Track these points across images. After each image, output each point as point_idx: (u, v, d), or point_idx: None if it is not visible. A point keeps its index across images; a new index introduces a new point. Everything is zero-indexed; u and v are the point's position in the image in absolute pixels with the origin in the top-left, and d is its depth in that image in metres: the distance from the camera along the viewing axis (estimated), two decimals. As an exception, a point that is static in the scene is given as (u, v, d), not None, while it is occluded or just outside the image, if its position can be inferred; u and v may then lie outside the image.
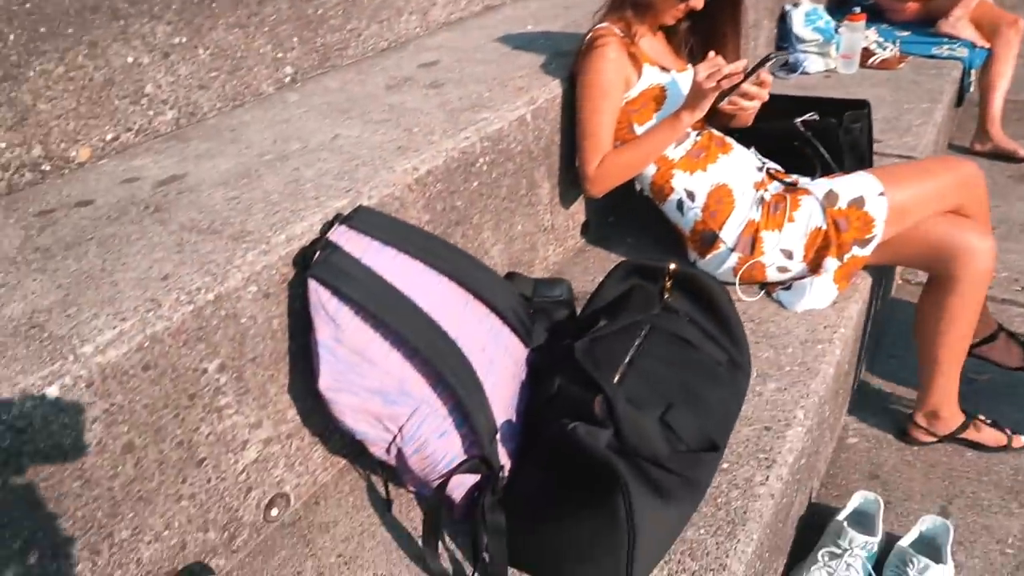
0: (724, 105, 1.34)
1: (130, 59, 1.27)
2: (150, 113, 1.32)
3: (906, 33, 2.77)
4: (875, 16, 2.93)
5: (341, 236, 0.94)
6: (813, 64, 2.51)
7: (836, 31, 2.50)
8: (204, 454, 0.89)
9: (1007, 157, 2.61)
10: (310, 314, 0.91)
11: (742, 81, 1.27)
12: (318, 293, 0.89)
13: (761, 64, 1.29)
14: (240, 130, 1.33)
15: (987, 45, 2.63)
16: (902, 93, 2.27)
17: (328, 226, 0.97)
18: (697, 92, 1.26)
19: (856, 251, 1.34)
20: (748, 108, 1.37)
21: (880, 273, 1.54)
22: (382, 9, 1.74)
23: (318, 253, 0.92)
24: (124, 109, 1.28)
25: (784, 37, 2.54)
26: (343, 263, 0.91)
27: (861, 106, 1.52)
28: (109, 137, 1.27)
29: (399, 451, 0.94)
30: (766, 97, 1.34)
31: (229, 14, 1.41)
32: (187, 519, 0.89)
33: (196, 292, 0.85)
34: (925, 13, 2.81)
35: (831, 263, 1.33)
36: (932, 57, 2.57)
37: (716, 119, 1.46)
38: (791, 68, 2.52)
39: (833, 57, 2.50)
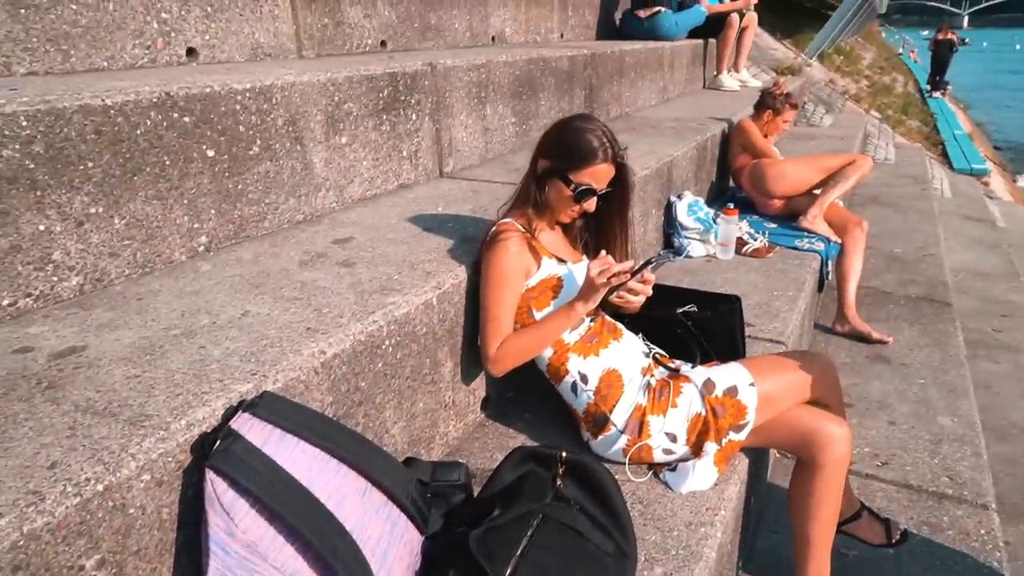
0: (613, 298, 1.49)
1: (42, 227, 1.28)
2: (54, 279, 1.32)
3: (774, 225, 3.15)
4: (747, 208, 3.33)
5: (243, 424, 0.95)
6: (696, 249, 2.79)
7: (715, 221, 2.83)
8: (67, 661, 0.83)
9: (863, 338, 2.93)
10: (204, 506, 0.90)
11: (629, 279, 1.42)
12: (215, 485, 0.89)
13: (645, 265, 1.45)
14: (148, 299, 1.34)
15: (839, 240, 3.03)
16: (772, 280, 2.56)
17: (231, 412, 0.98)
18: (590, 287, 1.40)
19: (732, 436, 1.46)
20: (634, 301, 1.52)
21: (756, 454, 1.66)
22: (301, 185, 1.84)
23: (219, 442, 0.92)
24: (26, 275, 1.27)
25: (671, 224, 2.83)
26: (244, 453, 0.92)
27: (733, 300, 1.71)
28: (5, 303, 1.25)
29: (284, 652, 0.91)
30: (649, 292, 1.50)
31: (150, 187, 1.46)
32: None
33: (85, 483, 0.83)
34: (788, 209, 3.22)
35: (711, 447, 1.44)
36: (796, 248, 2.92)
37: (607, 305, 1.60)
38: (677, 251, 2.79)
39: (713, 244, 2.80)
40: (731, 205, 2.80)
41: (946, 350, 2.87)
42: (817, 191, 3.14)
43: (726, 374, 1.50)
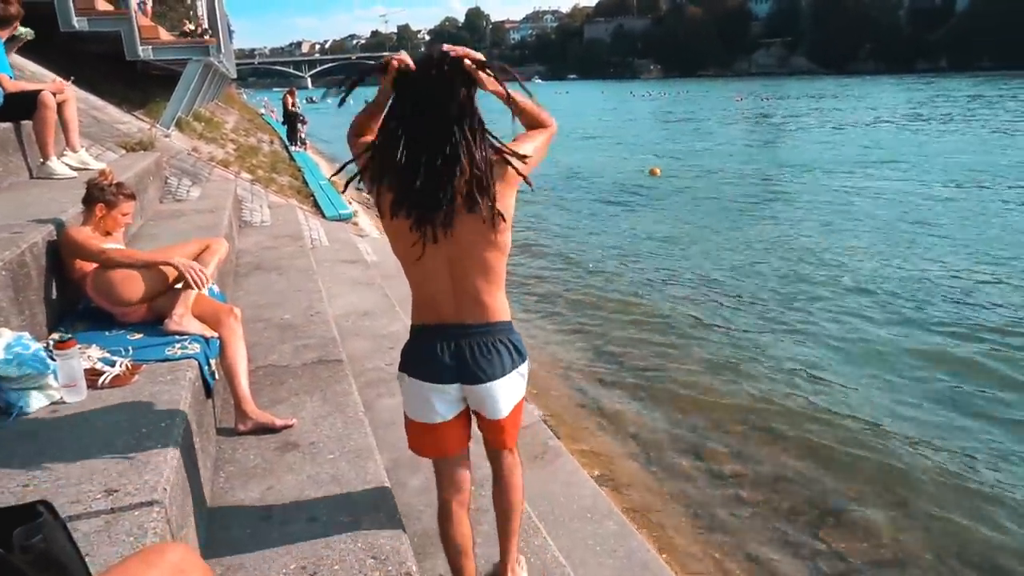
0: None
1: None
2: None
3: (139, 336, 2.73)
4: (105, 323, 2.81)
5: None
6: (35, 401, 2.17)
7: (51, 358, 2.24)
8: None
9: (269, 429, 2.78)
10: None
11: None
12: None
13: None
14: None
15: (216, 335, 2.80)
16: (139, 413, 2.14)
17: None
18: None
19: None
20: None
21: None
22: None
23: None
24: None
25: (-18, 380, 2.13)
26: None
27: (33, 514, 1.24)
28: None
29: None
30: None
31: None
32: None
33: None
34: (155, 314, 2.83)
35: None
36: (168, 360, 2.56)
37: None
38: (4, 412, 2.11)
39: (55, 388, 2.22)
40: (67, 335, 2.27)
41: (346, 411, 2.94)
42: (180, 285, 2.84)
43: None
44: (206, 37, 10.95)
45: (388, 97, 1.75)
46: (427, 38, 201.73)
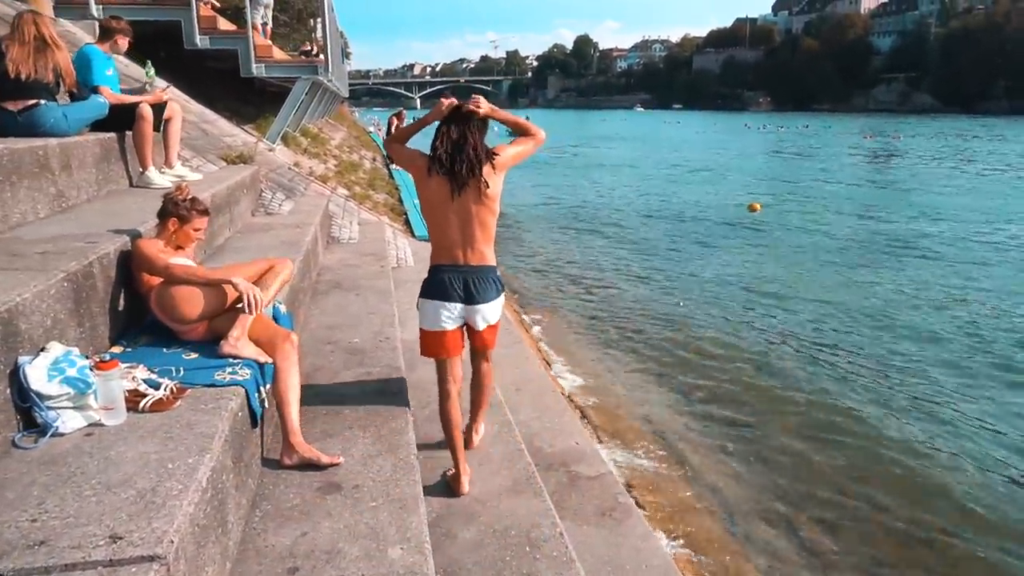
0: None
1: None
2: None
3: (194, 356, 2.64)
4: (163, 339, 2.75)
5: None
6: (71, 421, 2.08)
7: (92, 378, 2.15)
8: None
9: (315, 466, 2.61)
10: None
11: None
12: None
13: None
14: None
15: (270, 360, 2.68)
16: (172, 445, 2.01)
17: None
18: None
19: None
20: None
21: None
22: None
23: None
24: None
25: (23, 396, 2.05)
26: None
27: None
28: None
29: None
30: None
31: None
32: None
33: None
34: (213, 333, 2.75)
35: None
36: (215, 385, 2.44)
37: None
38: (41, 431, 2.03)
39: (95, 409, 2.12)
40: (108, 356, 2.18)
41: (397, 453, 2.74)
42: (241, 304, 2.73)
43: None
44: (317, 57, 11.34)
45: (438, 118, 3.04)
46: (535, 64, 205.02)
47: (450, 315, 3.04)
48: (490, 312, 3.08)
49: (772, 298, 9.69)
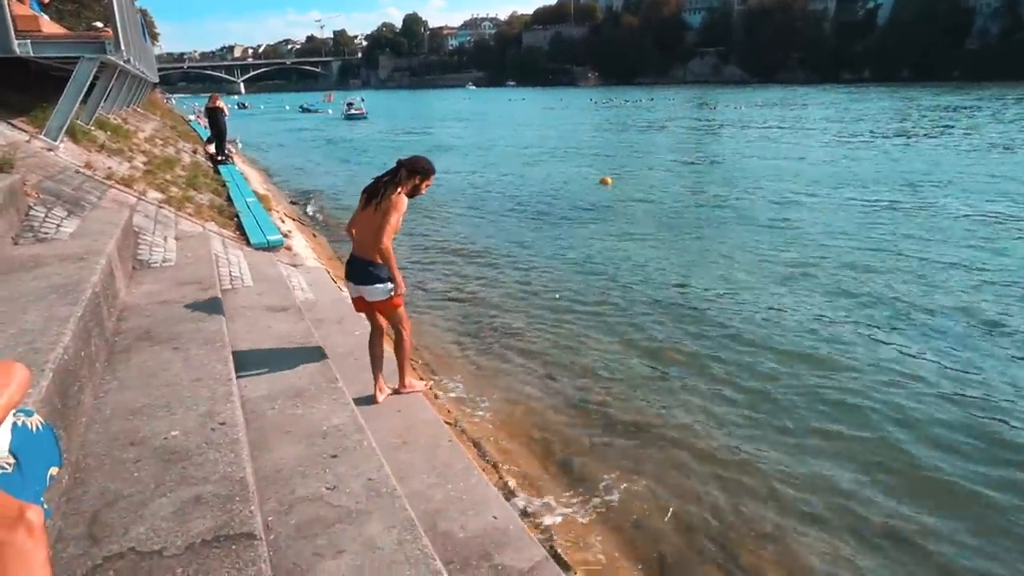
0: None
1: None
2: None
3: None
4: None
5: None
6: None
7: None
8: None
9: None
10: None
11: None
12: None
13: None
14: None
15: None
16: None
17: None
18: None
19: None
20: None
21: None
22: None
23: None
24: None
25: None
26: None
27: None
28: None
29: None
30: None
31: None
32: None
33: None
34: None
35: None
36: None
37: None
38: None
39: None
40: None
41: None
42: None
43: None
44: (104, 30, 9.28)
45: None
46: (364, 44, 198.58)
47: (352, 289, 4.40)
48: (371, 292, 4.25)
49: (640, 274, 9.26)
